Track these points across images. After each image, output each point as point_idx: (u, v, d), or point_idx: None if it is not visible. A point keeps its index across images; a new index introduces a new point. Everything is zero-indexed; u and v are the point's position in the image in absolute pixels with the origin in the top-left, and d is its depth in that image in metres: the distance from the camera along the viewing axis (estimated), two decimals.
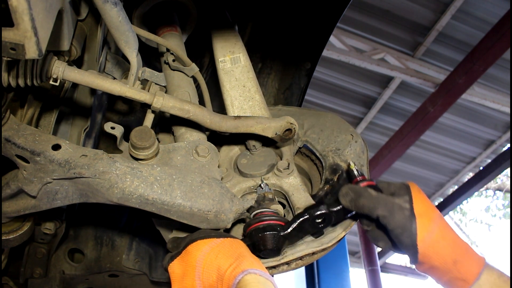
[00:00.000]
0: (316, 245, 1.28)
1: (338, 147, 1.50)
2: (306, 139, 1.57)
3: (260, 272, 0.98)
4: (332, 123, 1.59)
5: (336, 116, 1.64)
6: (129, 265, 2.09)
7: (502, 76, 7.08)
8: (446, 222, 1.21)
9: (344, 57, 6.54)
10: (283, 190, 1.42)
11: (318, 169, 1.56)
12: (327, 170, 1.46)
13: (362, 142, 1.51)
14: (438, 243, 1.15)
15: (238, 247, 1.10)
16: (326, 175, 1.46)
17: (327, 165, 1.48)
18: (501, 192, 12.74)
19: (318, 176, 1.55)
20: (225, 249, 1.08)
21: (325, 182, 1.44)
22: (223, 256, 1.05)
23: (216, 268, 1.03)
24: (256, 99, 1.60)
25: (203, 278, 1.04)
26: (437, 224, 1.17)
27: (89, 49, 1.47)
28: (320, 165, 1.52)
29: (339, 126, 1.58)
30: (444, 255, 1.15)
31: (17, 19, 0.78)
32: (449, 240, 1.17)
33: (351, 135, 1.52)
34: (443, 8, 6.26)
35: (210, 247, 1.09)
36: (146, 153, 1.20)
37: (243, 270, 0.99)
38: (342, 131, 1.55)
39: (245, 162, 1.51)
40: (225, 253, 1.06)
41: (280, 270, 1.33)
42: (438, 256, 1.15)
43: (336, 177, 1.43)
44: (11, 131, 1.13)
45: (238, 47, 1.68)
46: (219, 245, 1.09)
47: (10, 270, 1.98)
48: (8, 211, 1.25)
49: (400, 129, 7.42)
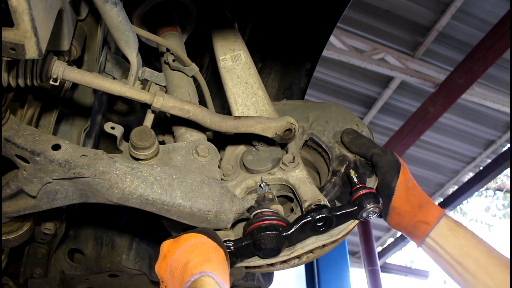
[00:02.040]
0: (326, 238, 1.28)
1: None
2: (312, 131, 1.57)
3: (217, 278, 1.02)
4: (337, 114, 1.59)
5: (341, 107, 1.63)
6: (129, 265, 2.09)
7: (502, 76, 7.09)
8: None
9: (344, 57, 6.54)
10: (289, 184, 1.42)
11: (325, 161, 1.55)
12: (334, 162, 1.46)
13: (368, 131, 1.51)
14: (410, 189, 1.36)
15: (213, 252, 1.12)
16: (333, 167, 1.45)
17: (334, 157, 1.47)
18: (501, 192, 12.74)
19: (325, 168, 1.54)
20: (202, 248, 1.11)
21: (333, 174, 1.44)
22: (196, 253, 1.09)
23: (185, 261, 1.07)
24: (259, 95, 1.59)
25: (173, 265, 1.08)
26: (411, 177, 1.40)
27: (89, 49, 1.47)
28: (327, 157, 1.52)
29: (344, 116, 1.57)
30: (413, 199, 1.35)
31: (17, 19, 0.78)
32: (418, 189, 1.38)
33: (356, 125, 1.52)
34: (443, 8, 6.26)
35: (194, 242, 1.12)
36: (146, 153, 1.20)
37: (202, 270, 1.02)
38: (348, 122, 1.54)
39: (250, 158, 1.50)
40: (199, 251, 1.10)
41: (291, 264, 1.33)
42: (408, 200, 1.35)
43: (343, 168, 1.43)
44: (11, 131, 1.13)
45: (238, 45, 1.68)
46: (201, 243, 1.12)
47: (10, 270, 1.98)
48: (8, 211, 1.25)
49: (400, 129, 7.43)
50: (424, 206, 1.35)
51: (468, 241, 1.32)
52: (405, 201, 1.35)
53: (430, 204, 1.36)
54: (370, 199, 1.28)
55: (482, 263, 1.28)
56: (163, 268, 1.11)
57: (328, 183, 1.43)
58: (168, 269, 1.09)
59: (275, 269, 1.35)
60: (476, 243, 1.32)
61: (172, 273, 1.08)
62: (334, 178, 1.43)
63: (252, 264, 1.29)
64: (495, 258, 1.29)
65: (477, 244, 1.32)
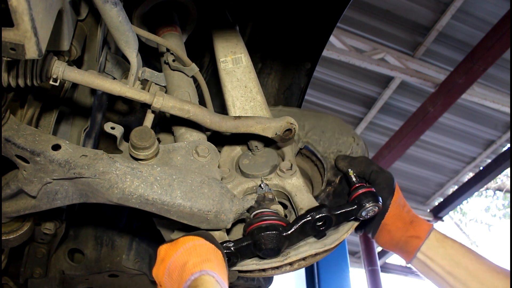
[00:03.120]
0: (319, 246, 1.28)
1: (340, 149, 1.51)
2: (307, 140, 1.57)
3: (217, 277, 1.01)
4: (333, 125, 1.60)
5: (338, 118, 1.64)
6: (129, 265, 2.09)
7: (502, 76, 7.08)
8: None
9: (344, 57, 6.53)
10: (285, 191, 1.42)
11: (318, 170, 1.56)
12: (329, 172, 1.47)
13: (363, 145, 1.52)
14: (403, 206, 1.39)
15: (212, 253, 1.12)
16: (328, 177, 1.46)
17: (329, 167, 1.48)
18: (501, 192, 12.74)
19: (318, 177, 1.55)
20: (201, 249, 1.11)
21: (327, 184, 1.44)
22: (194, 254, 1.09)
23: (184, 261, 1.07)
24: (258, 99, 1.60)
25: (171, 267, 1.08)
26: (402, 194, 1.44)
27: (89, 49, 1.47)
28: (321, 166, 1.53)
29: (341, 128, 1.58)
30: (405, 216, 1.39)
31: (17, 19, 0.78)
32: (408, 206, 1.43)
33: (352, 138, 1.53)
34: (443, 8, 6.26)
35: (192, 244, 1.11)
36: (146, 153, 1.20)
37: (201, 269, 1.02)
38: (344, 134, 1.55)
39: (247, 162, 1.50)
40: (197, 253, 1.10)
41: (283, 271, 1.33)
42: (401, 216, 1.38)
43: (337, 179, 1.44)
44: (11, 131, 1.13)
45: (240, 48, 1.68)
46: (199, 245, 1.12)
47: (10, 270, 1.98)
48: (8, 211, 1.25)
49: (400, 129, 7.42)
50: (414, 222, 1.39)
51: (457, 250, 1.35)
52: (398, 218, 1.38)
53: (419, 219, 1.40)
54: (369, 198, 1.28)
55: (472, 271, 1.31)
56: (161, 271, 1.10)
57: (323, 192, 1.44)
58: (166, 272, 1.09)
59: (266, 275, 1.35)
60: (464, 252, 1.35)
61: (170, 275, 1.07)
62: (328, 188, 1.44)
63: (244, 269, 1.29)
64: (484, 265, 1.31)
65: (466, 253, 1.35)
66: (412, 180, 9.23)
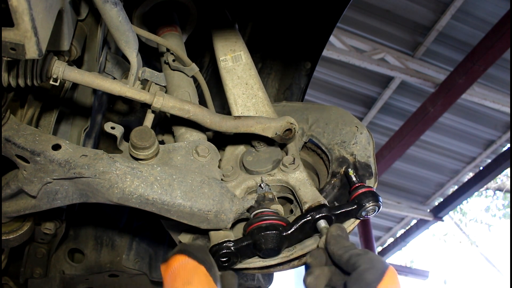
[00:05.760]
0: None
1: (344, 140, 1.49)
2: (311, 133, 1.57)
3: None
4: (336, 116, 1.58)
5: (340, 109, 1.62)
6: (129, 265, 2.10)
7: (502, 76, 7.09)
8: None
9: (344, 57, 6.54)
10: (289, 185, 1.42)
11: (324, 162, 1.55)
12: (334, 163, 1.46)
13: (367, 133, 1.50)
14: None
15: (192, 273, 1.12)
16: (333, 168, 1.45)
17: (334, 158, 1.47)
18: (501, 192, 12.74)
19: (325, 170, 1.54)
20: (184, 271, 1.11)
21: (332, 176, 1.43)
22: (178, 279, 1.09)
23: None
24: (260, 96, 1.60)
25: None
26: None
27: (89, 49, 1.47)
28: (326, 158, 1.52)
29: (344, 118, 1.57)
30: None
31: (17, 19, 0.79)
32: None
33: (356, 127, 1.51)
34: (443, 8, 6.27)
35: (177, 266, 1.12)
36: (146, 153, 1.20)
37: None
38: (347, 123, 1.54)
39: (250, 159, 1.50)
40: (180, 276, 1.10)
41: (291, 266, 1.33)
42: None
43: (342, 169, 1.43)
44: (11, 131, 1.13)
45: (239, 45, 1.68)
46: (182, 266, 1.12)
47: (10, 270, 1.98)
48: (8, 211, 1.25)
49: (400, 129, 7.43)
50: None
51: None
52: None
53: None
54: (369, 198, 1.27)
55: None
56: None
57: (328, 184, 1.42)
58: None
59: (275, 271, 1.35)
60: None
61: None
62: (333, 179, 1.43)
63: (251, 266, 1.29)
64: None
65: None
66: (412, 180, 9.24)
